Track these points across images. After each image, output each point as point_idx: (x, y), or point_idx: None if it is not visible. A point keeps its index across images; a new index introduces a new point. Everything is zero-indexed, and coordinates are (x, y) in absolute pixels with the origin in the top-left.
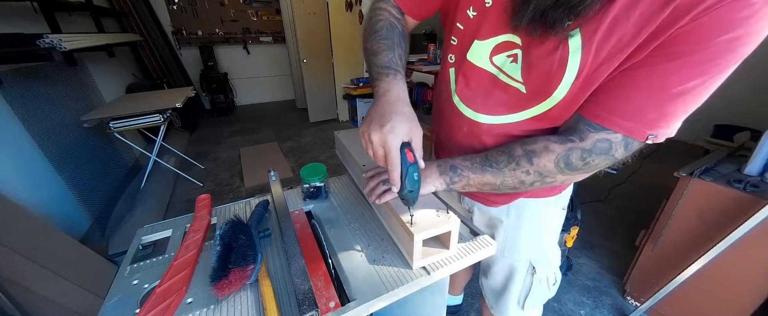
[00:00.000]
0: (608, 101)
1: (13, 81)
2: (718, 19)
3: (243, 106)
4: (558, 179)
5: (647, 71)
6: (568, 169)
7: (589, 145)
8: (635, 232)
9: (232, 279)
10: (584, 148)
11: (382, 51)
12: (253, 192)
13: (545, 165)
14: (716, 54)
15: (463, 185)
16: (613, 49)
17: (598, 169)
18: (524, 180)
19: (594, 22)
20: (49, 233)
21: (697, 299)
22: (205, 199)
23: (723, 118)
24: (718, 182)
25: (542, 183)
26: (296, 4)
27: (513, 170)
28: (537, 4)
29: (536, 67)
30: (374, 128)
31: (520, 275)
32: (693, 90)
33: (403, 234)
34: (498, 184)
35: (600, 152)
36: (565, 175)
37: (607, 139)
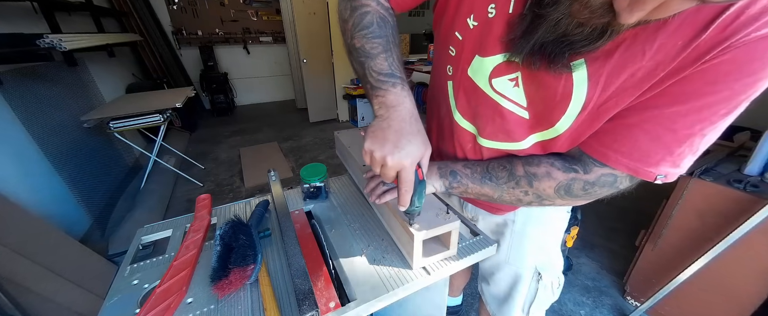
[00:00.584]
0: (613, 141)
1: (13, 81)
2: (738, 60)
3: (243, 106)
4: (556, 202)
5: (655, 113)
6: (568, 196)
7: (593, 178)
8: (635, 232)
9: (232, 279)
10: (587, 181)
11: (378, 53)
12: (253, 192)
13: (545, 190)
14: (730, 97)
15: (461, 192)
16: (625, 84)
17: (600, 197)
18: (522, 199)
19: (601, 54)
20: (49, 233)
21: (697, 299)
22: (205, 199)
23: None
24: (718, 182)
25: (539, 204)
26: (296, 4)
27: (512, 188)
28: (536, 40)
29: (539, 93)
30: (389, 150)
31: (526, 282)
32: (702, 131)
33: (404, 234)
34: (495, 197)
35: (603, 185)
36: (564, 200)
37: (612, 174)
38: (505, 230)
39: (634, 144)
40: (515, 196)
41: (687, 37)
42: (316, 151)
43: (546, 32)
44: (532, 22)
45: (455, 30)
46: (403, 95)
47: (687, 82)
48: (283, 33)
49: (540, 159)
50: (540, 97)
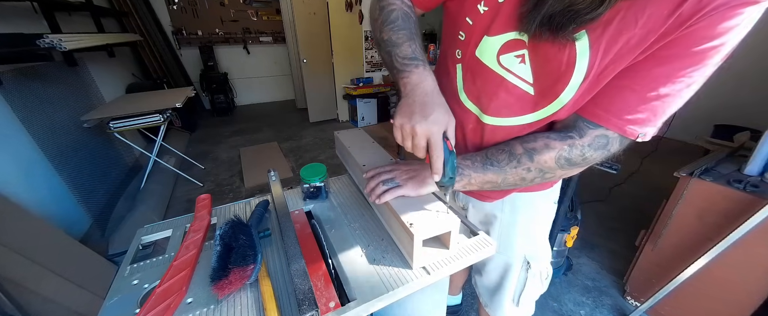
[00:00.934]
0: (607, 103)
1: (13, 81)
2: (710, 26)
3: (243, 106)
4: (557, 174)
5: (643, 75)
6: (568, 164)
7: (588, 141)
8: (635, 232)
9: (232, 279)
10: (583, 145)
11: (403, 42)
12: (253, 192)
13: (546, 162)
14: (702, 59)
15: (464, 185)
16: (621, 51)
17: (594, 163)
18: (525, 177)
19: (600, 24)
20: (49, 233)
21: (697, 299)
22: (205, 199)
23: (723, 118)
24: (718, 182)
25: (542, 179)
26: (296, 4)
27: (514, 167)
28: (546, 10)
29: (544, 68)
30: (417, 120)
31: (516, 271)
32: (678, 92)
33: (403, 234)
34: (499, 182)
35: (597, 148)
36: (564, 170)
37: (604, 135)
38: (495, 220)
39: (624, 104)
40: (519, 175)
41: (672, 6)
42: (316, 152)
43: (555, 2)
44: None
45: (466, 16)
46: (425, 74)
47: (671, 45)
48: (283, 33)
49: (535, 135)
50: (546, 71)
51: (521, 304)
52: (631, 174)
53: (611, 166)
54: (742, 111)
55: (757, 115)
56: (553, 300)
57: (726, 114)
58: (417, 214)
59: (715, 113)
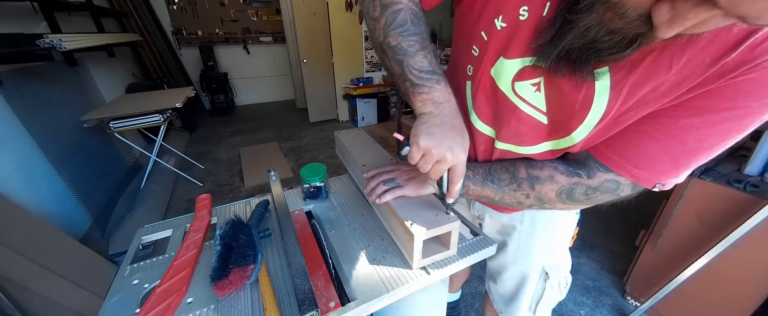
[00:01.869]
0: (621, 147)
1: (13, 81)
2: (762, 79)
3: (243, 106)
4: (557, 206)
5: (668, 123)
6: (569, 200)
7: (596, 183)
8: (635, 232)
9: (233, 279)
10: (590, 186)
11: (416, 51)
12: (253, 192)
13: (547, 194)
14: (745, 115)
15: (467, 194)
16: (647, 97)
17: (599, 203)
18: (523, 202)
19: (626, 64)
20: (49, 233)
21: (697, 299)
22: (205, 199)
23: None
24: (718, 182)
25: (540, 207)
26: (296, 4)
27: (513, 190)
28: (563, 45)
29: (559, 102)
30: (449, 145)
31: (533, 282)
32: (711, 147)
33: (404, 234)
34: (496, 199)
35: (606, 191)
36: (564, 204)
37: (615, 180)
38: (513, 231)
39: (642, 151)
40: (516, 199)
41: (716, 55)
42: (316, 152)
43: (574, 38)
44: (562, 27)
45: (481, 30)
46: (448, 91)
47: (707, 96)
48: (283, 33)
49: (544, 163)
50: (560, 104)
51: (538, 313)
52: None
53: None
54: None
55: None
56: None
57: None
58: (417, 214)
59: None
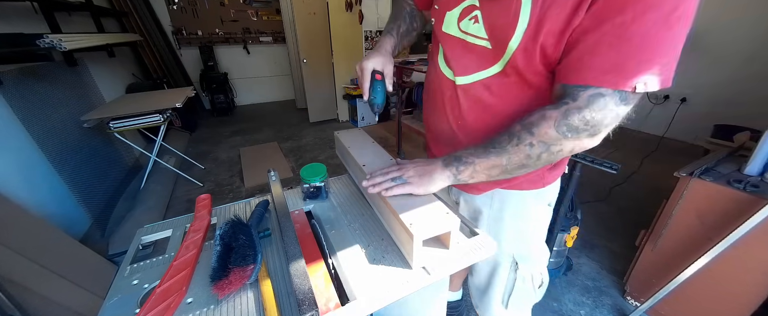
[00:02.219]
0: (584, 62)
1: (13, 81)
2: None
3: (243, 106)
4: (565, 145)
5: (608, 27)
6: (570, 132)
7: (583, 103)
8: (635, 232)
9: (232, 279)
10: (579, 108)
11: (387, 22)
12: (253, 192)
13: (547, 133)
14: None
15: (470, 174)
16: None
17: (604, 128)
18: (530, 154)
19: None
20: (49, 233)
21: (697, 299)
22: (205, 199)
23: (723, 118)
24: (718, 182)
25: (550, 154)
26: (296, 4)
27: (516, 145)
28: None
29: (496, 21)
30: (363, 60)
31: (504, 271)
32: (656, 38)
33: (403, 234)
34: (504, 163)
35: (597, 109)
36: (569, 140)
37: (598, 93)
38: (480, 215)
39: (602, 58)
40: (523, 152)
41: None
42: (316, 152)
43: None
44: None
45: (435, 3)
46: (384, 38)
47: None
48: (283, 33)
49: (532, 111)
50: (497, 25)
51: (510, 306)
52: (631, 174)
53: (611, 166)
54: (742, 111)
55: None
56: (553, 300)
57: (726, 114)
58: (417, 214)
59: (715, 113)
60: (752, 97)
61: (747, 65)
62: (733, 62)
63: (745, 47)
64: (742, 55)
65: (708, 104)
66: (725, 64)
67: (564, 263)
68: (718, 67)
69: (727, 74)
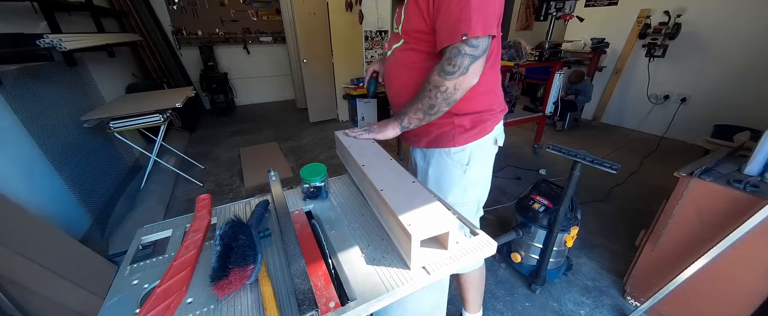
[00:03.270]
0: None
1: (13, 81)
2: None
3: (243, 106)
4: (448, 84)
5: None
6: (446, 74)
7: (447, 55)
8: (635, 232)
9: (232, 279)
10: (446, 59)
11: None
12: (253, 192)
13: (434, 79)
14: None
15: (408, 120)
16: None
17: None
18: (431, 96)
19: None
20: (49, 233)
21: (697, 299)
22: (205, 199)
23: (723, 118)
24: (718, 182)
25: (442, 93)
26: (296, 4)
27: (422, 93)
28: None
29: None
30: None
31: None
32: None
33: (402, 235)
34: (421, 107)
35: (455, 55)
36: (448, 80)
37: (453, 47)
38: (417, 167)
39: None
40: (428, 97)
41: None
42: (316, 152)
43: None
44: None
45: None
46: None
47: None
48: (283, 33)
49: None
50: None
51: None
52: (631, 174)
53: (611, 166)
54: (742, 111)
55: (757, 115)
56: (553, 300)
57: (726, 114)
58: (415, 214)
59: (715, 113)
60: (752, 97)
61: (747, 65)
62: (733, 62)
63: (745, 47)
64: (742, 55)
65: (708, 104)
66: (725, 64)
67: (564, 263)
68: (718, 67)
69: (727, 74)
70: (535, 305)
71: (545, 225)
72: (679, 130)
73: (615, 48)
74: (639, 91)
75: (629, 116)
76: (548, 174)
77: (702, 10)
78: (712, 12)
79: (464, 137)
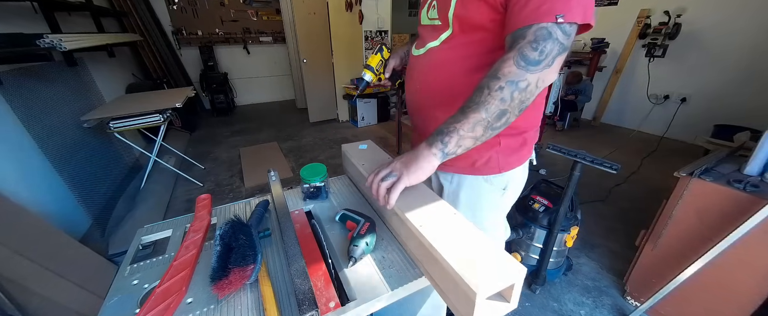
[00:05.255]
0: (516, 14)
1: (13, 81)
2: None
3: (243, 106)
4: (530, 78)
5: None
6: (529, 64)
7: (532, 37)
8: (635, 232)
9: (232, 279)
10: (530, 41)
11: None
12: (253, 192)
13: (510, 71)
14: None
15: (457, 142)
16: None
17: (554, 57)
18: (504, 97)
19: None
20: (49, 233)
21: (697, 299)
22: (205, 199)
23: (723, 118)
24: (718, 182)
25: (520, 91)
26: (296, 4)
27: (488, 94)
28: None
29: (440, 3)
30: None
31: None
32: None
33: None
34: (485, 116)
35: (544, 38)
36: (531, 72)
37: (541, 27)
38: (442, 192)
39: (526, 6)
40: (497, 98)
41: None
42: (316, 152)
43: None
44: None
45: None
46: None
47: None
48: (283, 33)
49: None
50: (441, 4)
51: None
52: (631, 174)
53: (611, 166)
54: (742, 111)
55: (757, 115)
56: (553, 300)
57: (726, 114)
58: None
59: (715, 113)
60: (752, 97)
61: (747, 65)
62: (733, 62)
63: (745, 47)
64: (742, 54)
65: (708, 104)
66: (725, 64)
67: (564, 263)
68: (718, 67)
69: (727, 74)
70: (535, 305)
71: (545, 225)
72: (679, 130)
73: (615, 48)
74: (639, 91)
75: (629, 116)
76: (548, 174)
77: (702, 10)
78: (712, 12)
79: (509, 162)
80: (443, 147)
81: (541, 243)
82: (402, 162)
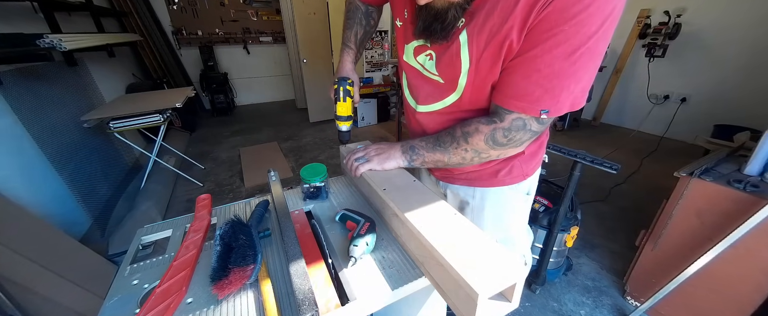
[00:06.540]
0: (509, 89)
1: (13, 81)
2: (558, 8)
3: (243, 106)
4: (492, 154)
5: (521, 59)
6: (495, 145)
7: (507, 124)
8: (635, 232)
9: (232, 279)
10: (504, 128)
11: (344, 29)
12: (253, 192)
13: (478, 144)
14: (565, 38)
15: (421, 162)
16: (488, 36)
17: (523, 143)
18: (464, 157)
19: (476, 20)
20: (49, 233)
21: (697, 299)
22: (205, 199)
23: (723, 118)
24: (718, 182)
25: (480, 158)
26: (296, 4)
27: (455, 148)
28: (420, 23)
29: (443, 61)
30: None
31: None
32: (561, 70)
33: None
34: (446, 160)
35: (517, 129)
36: (495, 150)
37: (520, 118)
38: (467, 206)
39: (519, 88)
40: (459, 155)
41: None
42: (316, 152)
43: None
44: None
45: (395, 32)
46: (345, 56)
47: (532, 32)
48: (283, 33)
49: (470, 120)
50: (446, 64)
51: None
52: (631, 174)
53: (611, 166)
54: (742, 111)
55: (757, 115)
56: (553, 300)
57: (726, 114)
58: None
59: (715, 113)
60: (752, 97)
61: (747, 65)
62: (733, 62)
63: (745, 47)
64: (743, 55)
65: (708, 104)
66: (725, 64)
67: (564, 263)
68: (718, 67)
69: (727, 74)
70: (535, 305)
71: (545, 225)
72: (679, 130)
73: (615, 48)
74: (639, 91)
75: (629, 116)
76: (548, 174)
77: (702, 10)
78: (712, 12)
79: (531, 166)
80: (411, 161)
81: (541, 243)
82: (376, 151)
